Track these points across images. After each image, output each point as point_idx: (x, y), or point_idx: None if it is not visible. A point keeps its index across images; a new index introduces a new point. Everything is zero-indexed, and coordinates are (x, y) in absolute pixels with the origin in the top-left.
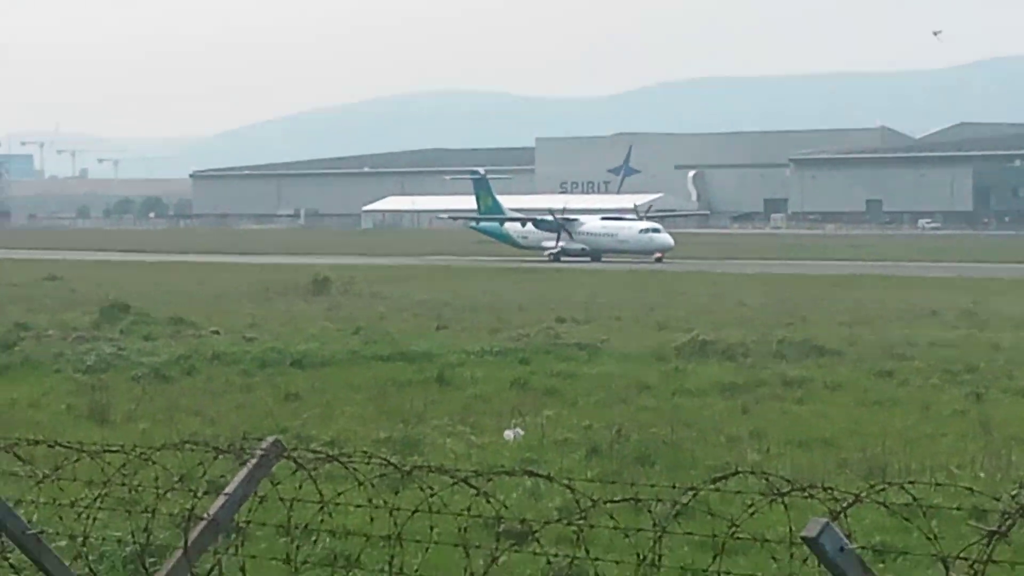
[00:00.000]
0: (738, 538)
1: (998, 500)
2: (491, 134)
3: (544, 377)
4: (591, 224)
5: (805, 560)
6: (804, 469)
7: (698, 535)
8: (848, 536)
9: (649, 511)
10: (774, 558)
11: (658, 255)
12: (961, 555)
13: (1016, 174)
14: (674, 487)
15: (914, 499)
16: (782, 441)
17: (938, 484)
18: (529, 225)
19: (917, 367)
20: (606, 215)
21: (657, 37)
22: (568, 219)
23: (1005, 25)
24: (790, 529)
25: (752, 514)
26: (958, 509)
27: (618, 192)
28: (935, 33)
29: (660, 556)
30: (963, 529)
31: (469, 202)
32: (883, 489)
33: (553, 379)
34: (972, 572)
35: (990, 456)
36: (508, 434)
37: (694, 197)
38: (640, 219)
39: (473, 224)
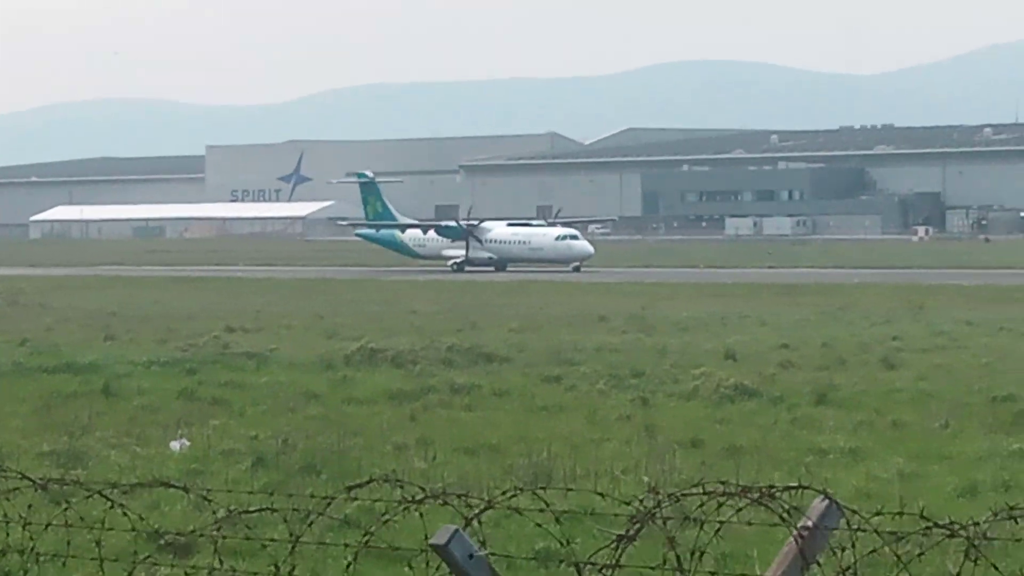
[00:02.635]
0: (371, 546)
1: (628, 504)
2: (162, 143)
3: (212, 387)
4: (499, 231)
5: (438, 567)
6: (470, 476)
7: (333, 544)
8: (482, 543)
9: (285, 520)
10: (410, 566)
11: (576, 264)
12: (590, 560)
13: (683, 179)
14: (312, 496)
15: (547, 504)
16: (449, 448)
17: (569, 489)
18: (431, 232)
19: (584, 372)
20: (512, 221)
21: (328, 43)
22: (473, 225)
23: (671, 32)
24: (425, 536)
25: (385, 522)
26: (591, 514)
27: (289, 200)
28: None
29: (294, 567)
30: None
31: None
32: (515, 495)
33: (221, 389)
34: None
35: (654, 460)
36: (174, 445)
37: None
38: (552, 224)
39: (364, 232)
